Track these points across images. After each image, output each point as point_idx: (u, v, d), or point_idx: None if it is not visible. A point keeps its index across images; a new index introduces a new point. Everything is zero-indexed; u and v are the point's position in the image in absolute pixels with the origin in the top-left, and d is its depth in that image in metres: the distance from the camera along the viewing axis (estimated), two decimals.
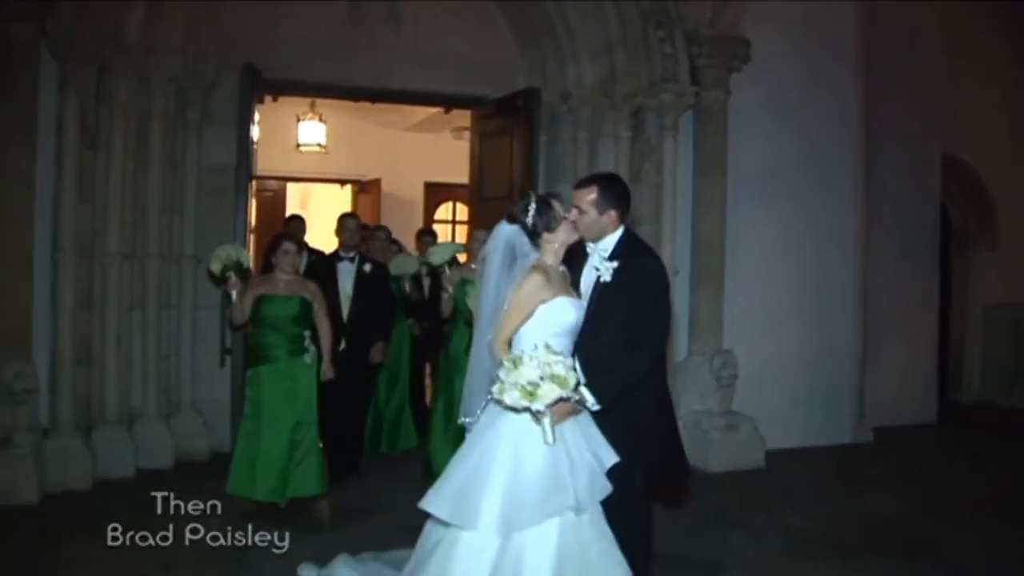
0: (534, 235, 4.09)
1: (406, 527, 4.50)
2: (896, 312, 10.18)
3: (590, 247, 4.32)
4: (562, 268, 4.23)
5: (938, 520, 6.90)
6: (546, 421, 3.70)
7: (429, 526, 3.99)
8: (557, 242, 4.12)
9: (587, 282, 4.26)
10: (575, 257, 4.36)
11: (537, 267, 4.02)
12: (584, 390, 3.92)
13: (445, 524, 3.84)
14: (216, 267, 6.44)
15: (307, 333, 6.47)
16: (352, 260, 7.60)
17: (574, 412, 3.91)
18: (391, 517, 6.26)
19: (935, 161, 10.64)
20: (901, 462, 8.79)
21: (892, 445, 9.35)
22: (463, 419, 4.17)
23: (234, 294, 6.43)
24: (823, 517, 6.92)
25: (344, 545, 5.35)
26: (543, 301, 3.94)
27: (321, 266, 7.73)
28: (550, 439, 3.71)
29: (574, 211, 4.18)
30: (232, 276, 6.43)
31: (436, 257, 7.00)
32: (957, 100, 11.00)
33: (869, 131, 9.49)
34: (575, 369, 3.76)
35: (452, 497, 3.81)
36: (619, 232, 4.28)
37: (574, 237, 4.17)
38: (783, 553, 6.13)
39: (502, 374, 3.68)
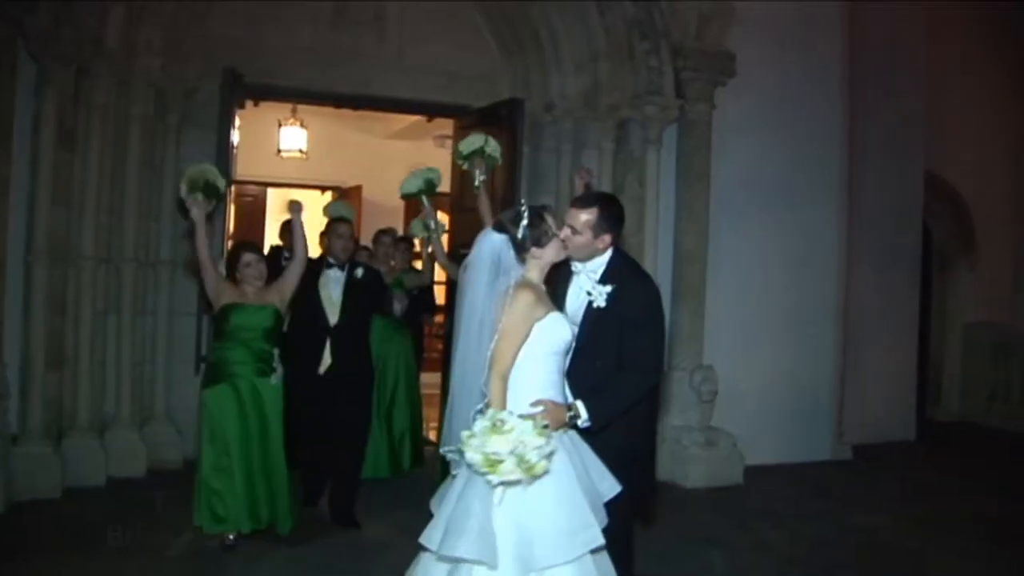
0: (521, 249, 3.80)
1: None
2: (876, 329, 10.18)
3: (576, 266, 4.17)
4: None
5: (919, 538, 6.87)
6: (499, 489, 3.45)
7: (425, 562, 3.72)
8: (544, 259, 3.86)
9: (575, 304, 4.12)
10: (558, 274, 4.16)
11: (524, 285, 3.76)
12: (579, 404, 3.80)
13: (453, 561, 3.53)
14: (183, 188, 5.72)
15: (275, 351, 5.90)
16: (342, 268, 6.65)
17: (565, 425, 3.74)
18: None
19: (918, 178, 10.65)
20: (881, 480, 8.76)
21: (871, 462, 9.32)
22: (444, 449, 3.83)
23: (198, 220, 5.64)
24: (803, 534, 6.87)
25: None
26: (538, 319, 3.70)
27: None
28: (497, 501, 3.46)
29: (566, 229, 4.05)
30: (199, 197, 5.67)
31: (406, 186, 6.76)
32: (941, 118, 11.02)
33: (852, 147, 9.47)
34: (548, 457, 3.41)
35: (471, 534, 3.45)
36: (608, 252, 4.15)
37: (562, 255, 3.95)
38: (762, 571, 6.09)
39: (477, 424, 3.41)
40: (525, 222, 3.80)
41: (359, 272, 6.71)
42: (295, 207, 6.07)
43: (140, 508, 6.52)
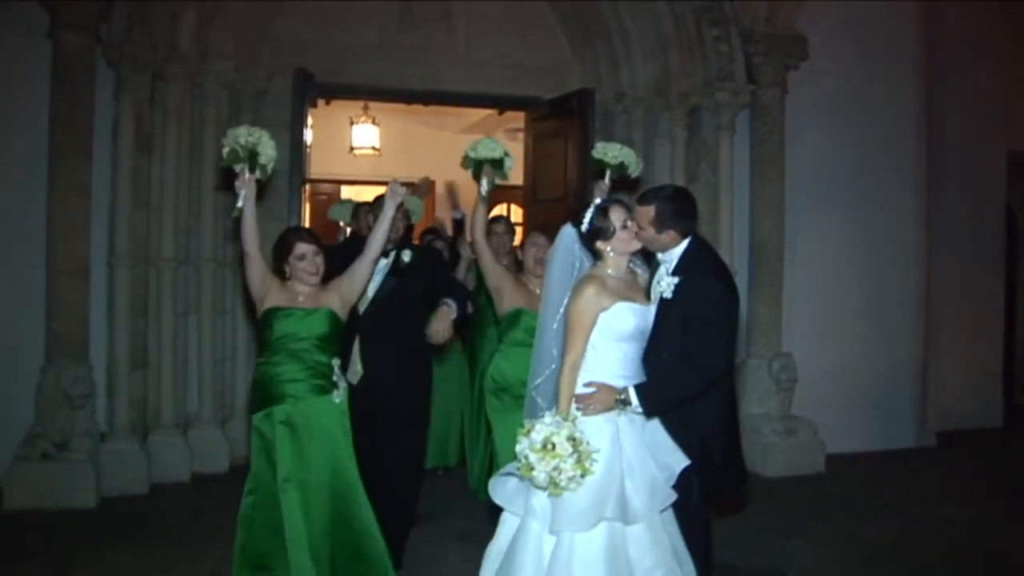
0: (588, 241, 4.00)
1: None
2: (960, 314, 9.93)
3: (659, 256, 4.20)
4: (644, 273, 4.20)
5: (1006, 528, 6.69)
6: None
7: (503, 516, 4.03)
8: (614, 251, 3.99)
9: (654, 294, 4.13)
10: (651, 264, 4.28)
11: (589, 277, 3.94)
12: (631, 390, 3.85)
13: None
14: (224, 154, 4.59)
15: (336, 362, 4.74)
16: (386, 254, 5.39)
17: (613, 408, 3.84)
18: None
19: (1000, 161, 10.37)
20: (966, 467, 8.55)
21: (956, 450, 9.11)
22: (526, 421, 3.97)
23: (241, 196, 4.55)
24: (886, 524, 6.75)
25: None
26: (603, 309, 3.85)
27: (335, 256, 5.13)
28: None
29: (633, 224, 4.06)
30: (244, 170, 4.54)
31: (483, 149, 5.26)
32: (1022, 98, 10.71)
33: (931, 130, 9.27)
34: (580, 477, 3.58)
35: (514, 487, 3.89)
36: (684, 244, 4.13)
37: (633, 247, 4.05)
38: (845, 562, 5.97)
39: (538, 428, 3.61)
40: (588, 217, 3.99)
41: (407, 255, 5.56)
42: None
43: (223, 502, 6.63)
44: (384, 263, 5.40)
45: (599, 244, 3.99)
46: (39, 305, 7.05)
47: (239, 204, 4.54)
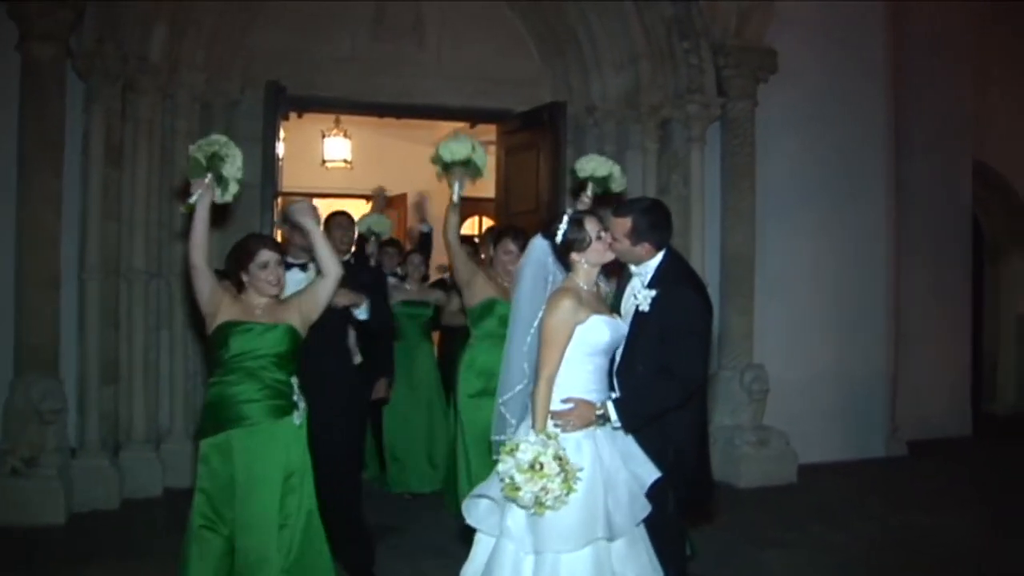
0: (562, 253, 3.97)
1: None
2: (929, 323, 10.05)
3: (633, 269, 4.20)
4: (606, 287, 4.18)
5: (980, 537, 6.76)
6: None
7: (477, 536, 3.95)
8: (587, 263, 3.97)
9: (627, 306, 4.15)
10: (621, 277, 4.27)
11: (565, 290, 3.89)
12: (610, 406, 3.84)
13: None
14: (191, 167, 4.21)
15: (294, 381, 4.38)
16: (304, 268, 5.40)
17: (593, 424, 3.82)
18: None
19: (966, 169, 10.52)
20: (938, 476, 8.63)
21: (928, 459, 9.20)
22: (495, 437, 4.05)
23: (196, 194, 4.17)
24: (860, 533, 6.79)
25: None
26: (580, 322, 3.81)
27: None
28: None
29: (607, 236, 4.07)
30: (208, 179, 4.16)
31: (453, 150, 5.27)
32: (987, 107, 10.87)
33: (898, 139, 9.38)
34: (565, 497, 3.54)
35: (486, 507, 3.81)
36: (659, 257, 4.14)
37: (606, 258, 4.03)
38: (820, 571, 6.02)
39: (523, 448, 3.55)
40: (563, 228, 3.96)
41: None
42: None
43: None
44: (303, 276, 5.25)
45: (573, 255, 3.96)
46: (8, 318, 6.95)
47: (191, 200, 4.16)
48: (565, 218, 4.00)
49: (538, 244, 4.05)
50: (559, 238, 3.96)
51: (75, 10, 6.86)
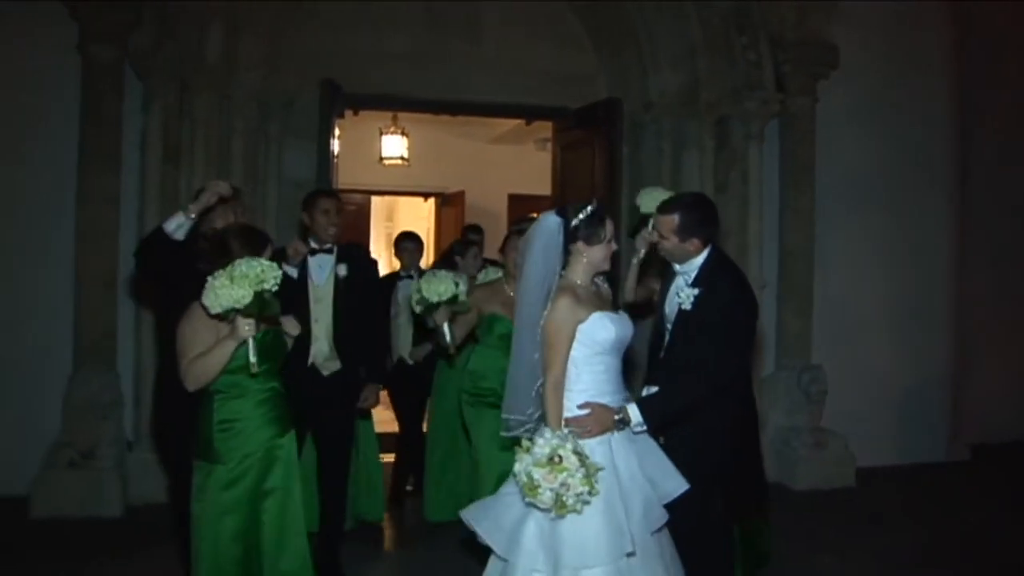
0: (571, 238, 3.77)
1: None
2: (995, 324, 9.79)
3: (676, 268, 4.13)
4: (604, 286, 3.98)
5: None
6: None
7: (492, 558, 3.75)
8: (588, 258, 3.80)
9: (671, 307, 4.09)
10: (665, 276, 4.18)
11: (563, 289, 3.72)
12: (630, 409, 3.75)
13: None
14: (223, 303, 3.78)
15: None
16: (329, 252, 5.47)
17: (611, 429, 3.70)
18: None
19: None
20: (1000, 481, 8.40)
21: (990, 463, 8.96)
22: (505, 433, 3.85)
23: (251, 345, 3.93)
24: (919, 539, 6.65)
25: None
26: (580, 321, 3.68)
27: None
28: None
29: (654, 234, 3.99)
30: (250, 321, 3.90)
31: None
32: None
33: (963, 135, 9.15)
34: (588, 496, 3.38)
35: (497, 522, 3.62)
36: (704, 254, 4.07)
37: (606, 265, 3.87)
38: None
39: (540, 443, 3.40)
40: (584, 215, 3.79)
41: (342, 270, 5.47)
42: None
43: None
44: (327, 258, 5.41)
45: (580, 245, 3.77)
46: (68, 314, 7.11)
47: (253, 359, 3.94)
48: (590, 207, 3.82)
49: (551, 219, 3.82)
50: (575, 222, 3.78)
51: (134, 11, 6.96)
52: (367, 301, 5.63)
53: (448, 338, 5.04)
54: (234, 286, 3.72)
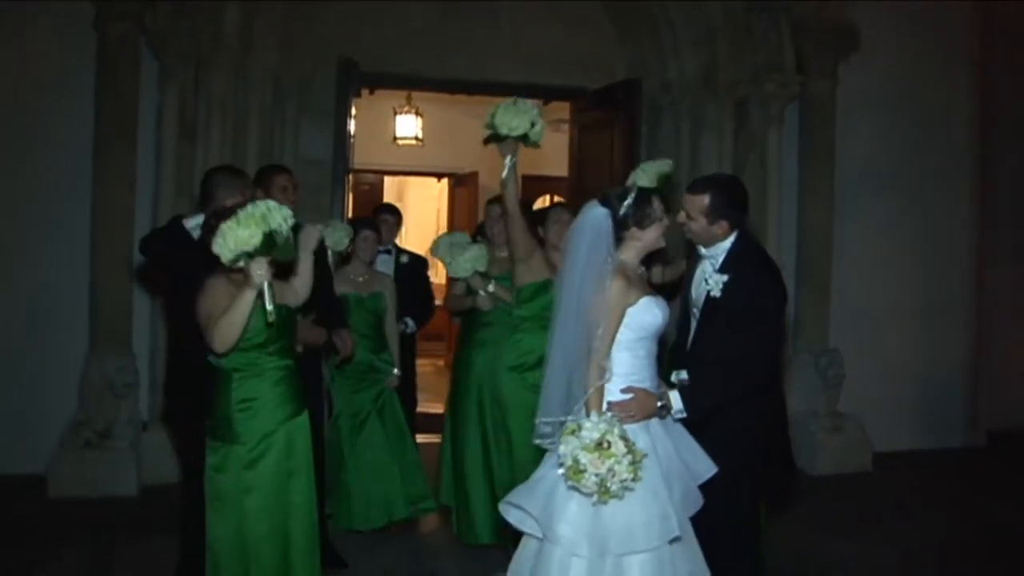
0: (621, 227, 3.67)
1: None
2: (1014, 310, 9.71)
3: (702, 251, 4.04)
4: (641, 270, 3.87)
5: None
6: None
7: (524, 538, 3.69)
8: (643, 242, 3.72)
9: (698, 290, 4.00)
10: (690, 261, 4.10)
11: (617, 271, 3.61)
12: (672, 395, 3.70)
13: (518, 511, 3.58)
14: (232, 246, 3.64)
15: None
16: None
17: (654, 415, 3.65)
18: None
19: None
20: (1017, 467, 8.33)
21: (1008, 449, 8.89)
22: (537, 440, 3.71)
23: (267, 291, 3.76)
24: (936, 525, 6.62)
25: None
26: (630, 305, 3.59)
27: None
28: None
29: (682, 214, 3.92)
30: (261, 263, 3.72)
31: (513, 121, 4.91)
32: None
33: (986, 122, 9.06)
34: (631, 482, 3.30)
35: (538, 504, 3.51)
36: (731, 239, 3.96)
37: (662, 243, 3.77)
38: (893, 564, 5.85)
39: (588, 426, 3.31)
40: (630, 201, 3.68)
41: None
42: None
43: None
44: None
45: (633, 231, 3.68)
46: (84, 294, 7.09)
47: (270, 307, 3.80)
48: (633, 190, 3.74)
49: (597, 212, 3.69)
50: (623, 210, 3.67)
51: None
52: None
53: (508, 169, 4.98)
54: (240, 227, 3.61)
